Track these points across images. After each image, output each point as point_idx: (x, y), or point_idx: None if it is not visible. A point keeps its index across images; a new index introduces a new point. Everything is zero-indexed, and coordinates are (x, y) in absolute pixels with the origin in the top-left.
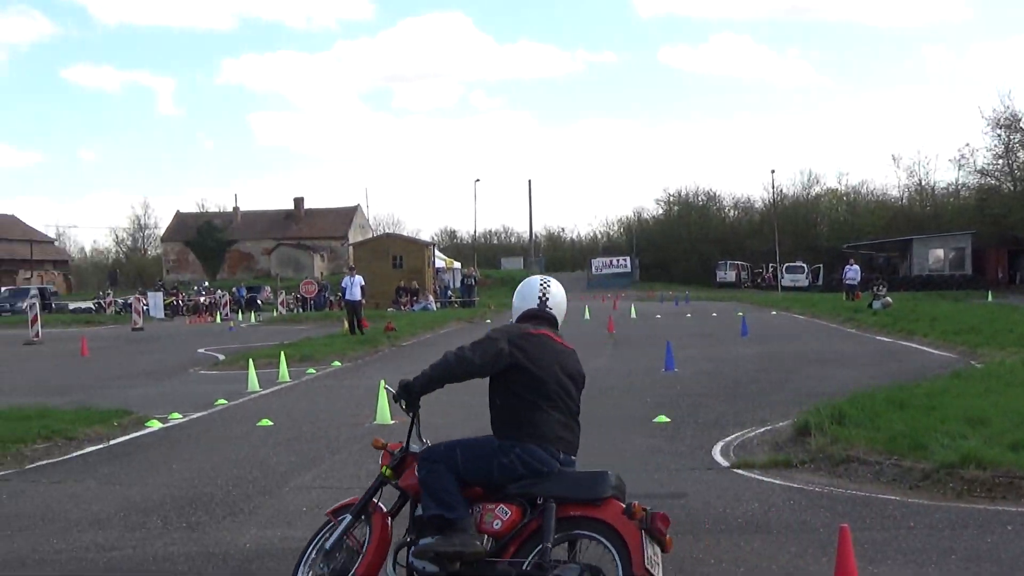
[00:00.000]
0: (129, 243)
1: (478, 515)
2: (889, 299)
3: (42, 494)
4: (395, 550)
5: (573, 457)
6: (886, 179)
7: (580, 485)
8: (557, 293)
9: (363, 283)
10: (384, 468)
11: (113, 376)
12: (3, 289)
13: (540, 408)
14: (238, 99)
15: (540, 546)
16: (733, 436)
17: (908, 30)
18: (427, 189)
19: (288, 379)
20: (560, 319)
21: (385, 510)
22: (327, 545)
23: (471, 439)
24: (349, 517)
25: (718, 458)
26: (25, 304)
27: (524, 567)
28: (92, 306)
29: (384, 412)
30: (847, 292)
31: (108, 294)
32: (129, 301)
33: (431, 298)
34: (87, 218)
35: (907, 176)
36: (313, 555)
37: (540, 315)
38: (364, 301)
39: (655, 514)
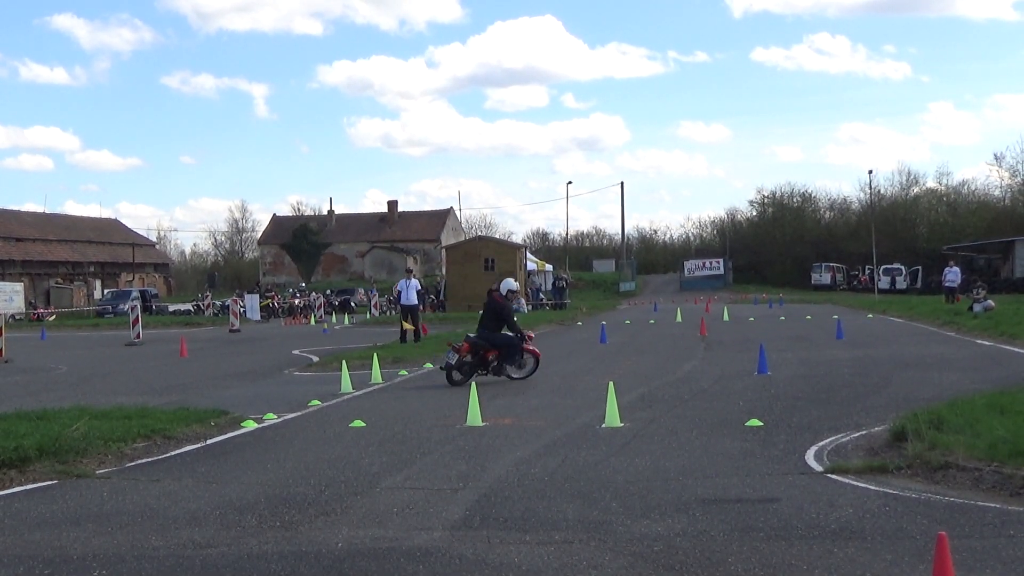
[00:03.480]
0: (227, 246)
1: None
2: (991, 302)
3: (141, 492)
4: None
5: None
6: (988, 179)
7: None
8: (510, 282)
9: (420, 287)
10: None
11: (210, 377)
12: (106, 291)
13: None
14: (332, 104)
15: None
16: (827, 440)
17: (1008, 24)
18: (519, 192)
19: (380, 381)
20: (504, 291)
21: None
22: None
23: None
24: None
25: (811, 463)
26: (127, 306)
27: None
28: (191, 308)
29: (475, 414)
30: (947, 295)
31: (207, 296)
32: (227, 303)
33: (523, 300)
34: (187, 222)
35: (1010, 176)
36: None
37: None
38: (422, 307)
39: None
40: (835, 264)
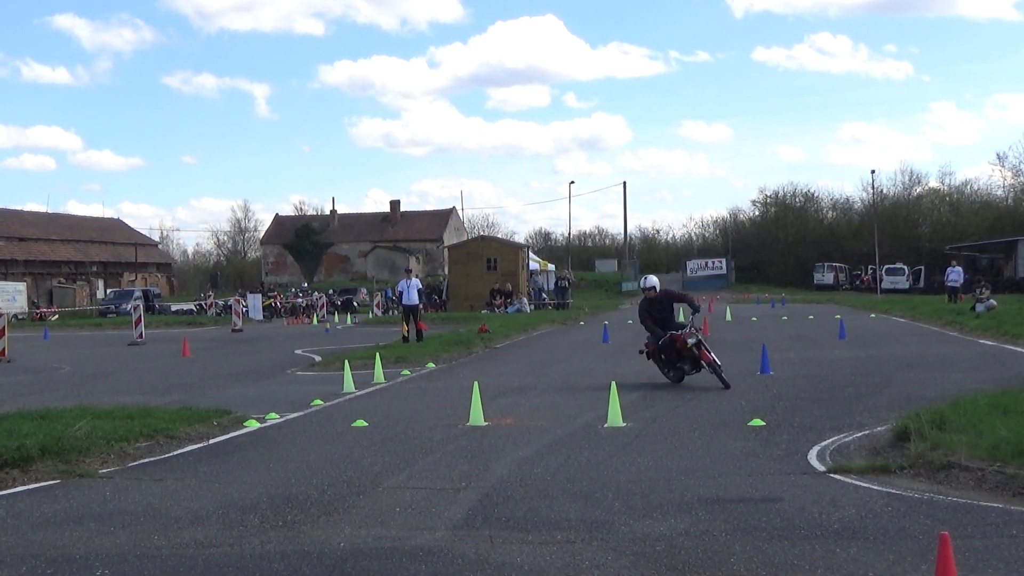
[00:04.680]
0: (230, 246)
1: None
2: (993, 302)
3: (144, 491)
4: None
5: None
6: (991, 178)
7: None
8: (652, 279)
9: (420, 286)
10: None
11: (213, 376)
12: (109, 291)
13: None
14: (333, 103)
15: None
16: (830, 440)
17: (1009, 24)
18: (521, 191)
19: (383, 380)
20: (648, 287)
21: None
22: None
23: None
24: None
25: (814, 462)
26: (129, 306)
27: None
28: (194, 308)
29: (477, 413)
30: (949, 295)
31: (209, 296)
32: (229, 303)
33: (525, 300)
34: (189, 221)
35: (1013, 175)
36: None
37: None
38: (422, 305)
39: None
40: (838, 264)
